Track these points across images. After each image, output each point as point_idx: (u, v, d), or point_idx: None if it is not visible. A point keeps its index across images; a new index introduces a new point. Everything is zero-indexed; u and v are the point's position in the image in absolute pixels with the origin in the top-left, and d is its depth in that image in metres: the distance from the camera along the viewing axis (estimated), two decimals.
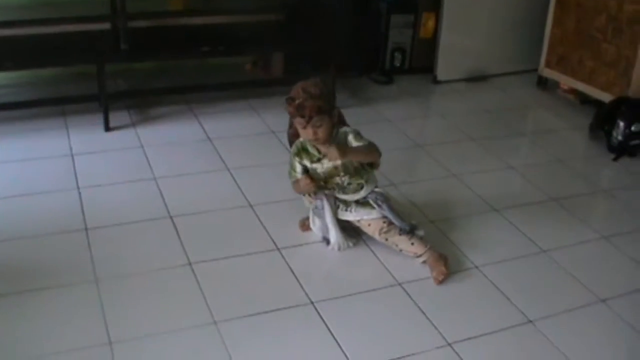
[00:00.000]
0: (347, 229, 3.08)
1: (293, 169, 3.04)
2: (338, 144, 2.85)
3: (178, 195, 3.42)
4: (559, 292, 2.91)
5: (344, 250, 3.05)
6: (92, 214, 3.22)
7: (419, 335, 2.60)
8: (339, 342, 2.53)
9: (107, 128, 4.06)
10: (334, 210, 3.04)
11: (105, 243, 3.02)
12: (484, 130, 4.42)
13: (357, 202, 3.04)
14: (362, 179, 3.01)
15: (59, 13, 4.30)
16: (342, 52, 4.52)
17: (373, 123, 4.33)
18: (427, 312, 2.71)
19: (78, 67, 4.49)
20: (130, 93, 4.55)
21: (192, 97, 4.51)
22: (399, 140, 4.19)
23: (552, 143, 4.32)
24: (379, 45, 5.10)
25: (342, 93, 4.44)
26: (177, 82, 4.62)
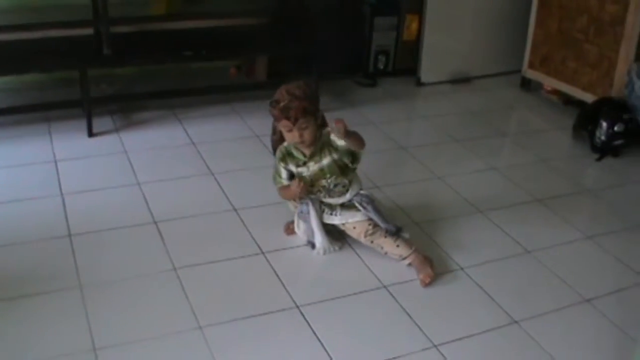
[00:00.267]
0: (332, 233, 3.08)
1: (278, 174, 3.03)
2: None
3: (162, 201, 3.40)
4: (544, 292, 2.92)
5: (329, 254, 3.05)
6: (75, 220, 3.20)
7: (405, 338, 2.60)
8: (325, 345, 2.52)
9: (90, 134, 4.04)
10: (319, 215, 3.04)
11: (89, 249, 3.00)
12: (468, 132, 4.43)
13: (342, 205, 3.04)
14: (347, 179, 3.00)
15: (41, 18, 4.26)
16: (325, 55, 4.51)
17: (357, 126, 4.24)
18: (412, 314, 2.71)
19: (61, 72, 4.46)
20: (114, 98, 4.53)
21: (175, 101, 4.50)
22: (383, 143, 4.19)
23: (535, 144, 4.33)
24: (363, 48, 5.10)
25: (326, 96, 4.41)
26: (160, 86, 4.59)
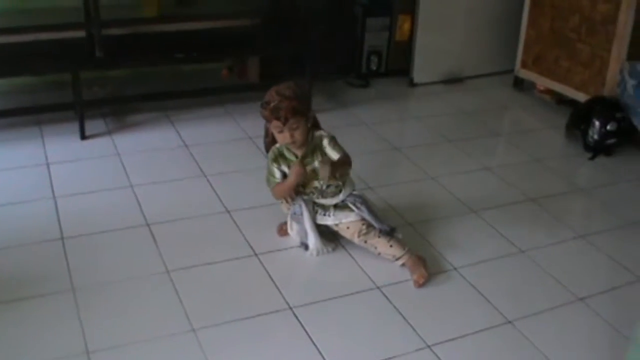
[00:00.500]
0: (325, 234, 3.08)
1: (272, 175, 3.03)
2: (324, 158, 2.86)
3: (155, 203, 3.40)
4: (538, 291, 2.92)
5: (323, 255, 3.05)
6: (68, 223, 3.19)
7: (399, 338, 2.59)
8: (319, 347, 2.52)
9: (83, 136, 4.03)
10: (313, 216, 3.04)
11: (82, 252, 2.99)
12: (461, 132, 4.43)
13: (335, 206, 3.04)
14: (339, 181, 3.00)
15: (33, 21, 4.26)
16: (318, 56, 4.51)
17: (350, 126, 4.34)
18: (406, 314, 2.71)
19: (53, 75, 4.45)
20: (106, 101, 4.52)
21: (168, 103, 4.49)
22: (376, 144, 4.19)
23: (529, 143, 4.34)
24: (355, 49, 5.10)
25: (318, 97, 4.43)
26: (153, 89, 4.59)
